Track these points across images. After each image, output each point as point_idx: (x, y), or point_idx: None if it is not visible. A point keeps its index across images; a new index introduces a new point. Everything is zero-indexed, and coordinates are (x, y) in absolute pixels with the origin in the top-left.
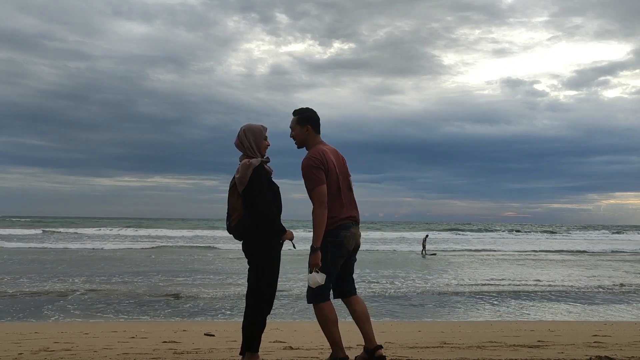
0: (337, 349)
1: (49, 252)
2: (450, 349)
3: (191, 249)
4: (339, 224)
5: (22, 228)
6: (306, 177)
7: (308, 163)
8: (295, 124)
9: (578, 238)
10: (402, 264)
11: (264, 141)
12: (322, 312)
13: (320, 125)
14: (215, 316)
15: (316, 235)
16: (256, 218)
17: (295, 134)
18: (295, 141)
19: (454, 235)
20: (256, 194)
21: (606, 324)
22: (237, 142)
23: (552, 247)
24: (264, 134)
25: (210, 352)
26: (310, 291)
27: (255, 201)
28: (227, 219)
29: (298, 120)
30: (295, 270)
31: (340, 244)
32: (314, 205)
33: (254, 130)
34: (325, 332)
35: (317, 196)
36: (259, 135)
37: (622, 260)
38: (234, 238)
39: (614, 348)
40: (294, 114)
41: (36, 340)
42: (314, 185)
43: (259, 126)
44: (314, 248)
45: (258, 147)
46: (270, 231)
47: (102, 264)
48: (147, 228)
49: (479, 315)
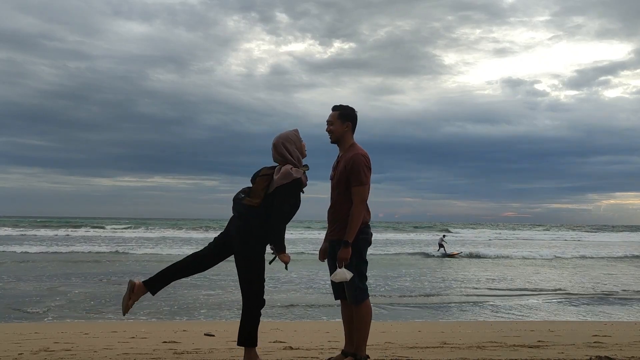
0: (365, 347)
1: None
2: (450, 349)
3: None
4: (367, 224)
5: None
6: (357, 173)
7: (362, 162)
8: (336, 119)
9: (616, 239)
10: (423, 265)
11: (302, 144)
12: (368, 309)
13: (356, 126)
14: (215, 316)
15: (352, 231)
16: (268, 219)
17: (334, 129)
18: (331, 135)
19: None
20: (282, 201)
21: (606, 324)
22: (277, 157)
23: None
24: (299, 136)
25: (210, 352)
26: (353, 291)
27: (276, 204)
28: (241, 192)
29: (340, 115)
30: (294, 271)
31: (370, 241)
32: (355, 202)
33: (290, 138)
34: (365, 330)
35: (361, 194)
36: (298, 140)
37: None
38: (233, 210)
39: (614, 348)
40: (335, 109)
41: (36, 340)
42: (361, 184)
43: (292, 132)
44: (347, 243)
45: (302, 154)
46: (269, 238)
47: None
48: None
49: (479, 315)
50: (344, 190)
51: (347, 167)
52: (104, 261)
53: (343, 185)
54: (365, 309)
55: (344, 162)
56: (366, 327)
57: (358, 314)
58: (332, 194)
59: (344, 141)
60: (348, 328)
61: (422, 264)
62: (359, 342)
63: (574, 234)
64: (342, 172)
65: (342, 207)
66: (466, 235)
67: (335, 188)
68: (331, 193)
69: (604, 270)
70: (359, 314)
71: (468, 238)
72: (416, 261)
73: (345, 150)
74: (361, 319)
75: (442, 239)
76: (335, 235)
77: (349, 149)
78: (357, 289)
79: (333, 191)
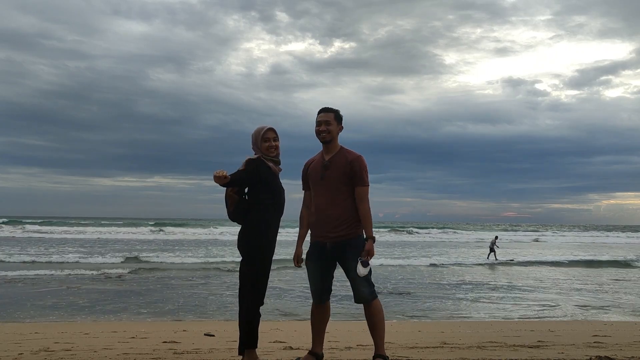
0: (383, 346)
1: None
2: (450, 349)
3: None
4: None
5: None
6: (362, 174)
7: (365, 164)
8: (334, 120)
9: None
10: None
11: (262, 143)
12: (380, 306)
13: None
14: (215, 316)
15: (371, 227)
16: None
17: (332, 129)
18: (326, 135)
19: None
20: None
21: (606, 324)
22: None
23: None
24: (262, 134)
25: (210, 352)
26: (367, 288)
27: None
28: (226, 208)
29: (336, 116)
30: (299, 270)
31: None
32: (363, 200)
33: (254, 132)
34: (383, 328)
35: (366, 194)
36: (256, 137)
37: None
38: (235, 222)
39: (614, 348)
40: (328, 110)
41: (36, 340)
42: (365, 184)
43: (260, 127)
44: (373, 238)
45: (258, 147)
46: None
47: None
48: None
49: (479, 315)
50: (342, 189)
51: (352, 168)
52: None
53: (343, 184)
54: (378, 305)
55: (343, 163)
56: (383, 324)
57: (374, 311)
58: (323, 195)
59: (334, 143)
60: (318, 329)
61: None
62: (380, 341)
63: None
64: (343, 173)
65: (341, 206)
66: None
67: (330, 188)
68: (319, 195)
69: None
70: (375, 310)
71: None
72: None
73: (334, 151)
74: (377, 315)
75: (494, 242)
76: (340, 235)
77: (340, 150)
78: (372, 285)
79: (326, 192)
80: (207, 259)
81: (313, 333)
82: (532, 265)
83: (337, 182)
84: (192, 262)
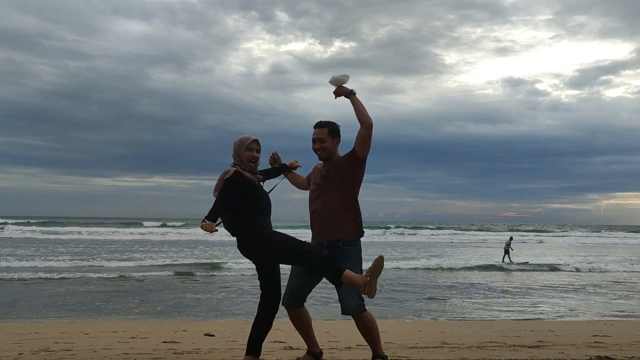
0: (381, 347)
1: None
2: (450, 349)
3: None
4: (360, 236)
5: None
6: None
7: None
8: (327, 135)
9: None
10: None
11: (245, 152)
12: (370, 316)
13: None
14: (215, 316)
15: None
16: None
17: (327, 145)
18: (322, 152)
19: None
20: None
21: (606, 324)
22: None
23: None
24: (245, 144)
25: (210, 352)
26: (354, 301)
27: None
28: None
29: (330, 132)
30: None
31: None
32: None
33: (238, 141)
34: (375, 335)
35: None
36: (239, 145)
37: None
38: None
39: (614, 348)
40: (322, 125)
41: (36, 340)
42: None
43: (243, 137)
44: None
45: (239, 157)
46: (252, 231)
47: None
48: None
49: (479, 315)
50: (338, 187)
51: (347, 155)
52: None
53: (339, 180)
54: (368, 317)
55: (340, 164)
56: (375, 332)
57: (363, 323)
58: (318, 199)
59: (334, 157)
60: (305, 334)
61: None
62: (376, 345)
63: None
64: (342, 170)
65: (332, 205)
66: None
67: (326, 192)
68: (314, 201)
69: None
70: (364, 322)
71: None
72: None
73: (333, 161)
74: (367, 327)
75: (509, 243)
76: (327, 236)
77: (338, 159)
78: (360, 298)
79: (321, 195)
80: (207, 259)
81: (302, 337)
82: (545, 271)
83: (332, 188)
84: (192, 262)
